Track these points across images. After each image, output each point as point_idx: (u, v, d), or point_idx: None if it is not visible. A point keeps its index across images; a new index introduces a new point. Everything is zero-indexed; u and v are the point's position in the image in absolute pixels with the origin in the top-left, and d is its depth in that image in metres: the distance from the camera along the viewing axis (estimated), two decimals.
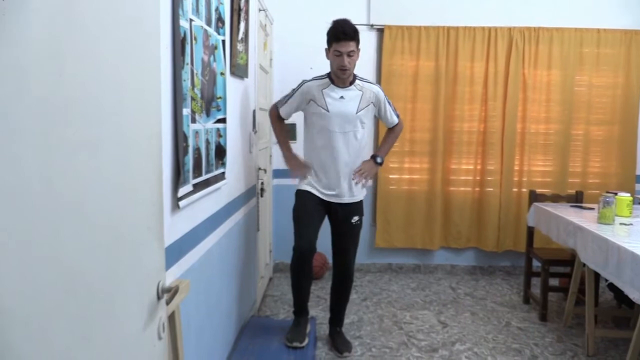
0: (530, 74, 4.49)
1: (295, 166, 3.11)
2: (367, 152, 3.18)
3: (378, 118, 3.22)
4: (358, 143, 3.01)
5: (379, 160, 3.17)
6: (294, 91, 3.04)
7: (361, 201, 3.12)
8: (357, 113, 2.97)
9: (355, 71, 3.03)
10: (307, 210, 3.00)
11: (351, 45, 2.88)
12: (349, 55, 2.87)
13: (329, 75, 3.01)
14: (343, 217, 3.05)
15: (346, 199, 3.03)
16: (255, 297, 3.64)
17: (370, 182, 3.16)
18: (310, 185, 3.02)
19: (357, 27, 4.43)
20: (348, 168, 3.00)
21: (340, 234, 3.09)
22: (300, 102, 3.02)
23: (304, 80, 3.06)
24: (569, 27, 4.45)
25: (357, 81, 3.01)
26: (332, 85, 2.97)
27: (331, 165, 2.98)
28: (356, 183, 3.03)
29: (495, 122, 4.53)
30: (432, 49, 4.47)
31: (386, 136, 3.28)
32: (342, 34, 2.88)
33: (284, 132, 3.22)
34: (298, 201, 3.05)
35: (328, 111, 2.93)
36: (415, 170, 4.62)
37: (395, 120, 3.17)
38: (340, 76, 2.92)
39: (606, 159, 4.61)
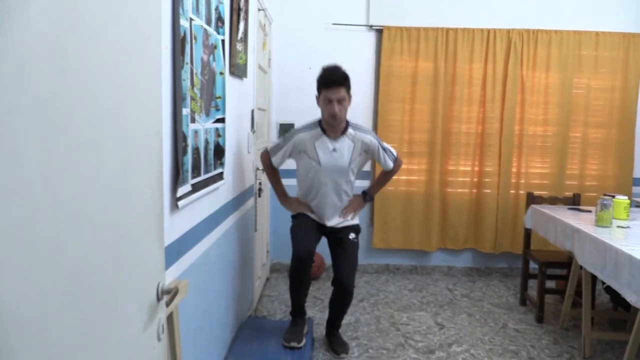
0: (529, 76, 4.50)
1: (292, 208, 3.14)
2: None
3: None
4: (348, 187, 3.05)
5: (368, 198, 3.19)
6: (285, 140, 3.00)
7: (357, 224, 3.15)
8: (349, 165, 2.96)
9: (354, 74, 3.03)
10: (305, 224, 3.04)
11: (341, 92, 2.81)
12: (339, 102, 2.80)
13: (320, 123, 2.95)
14: (339, 235, 3.07)
15: (340, 225, 3.08)
16: (252, 297, 3.63)
17: (357, 217, 3.19)
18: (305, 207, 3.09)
19: (357, 27, 4.43)
20: (337, 209, 3.05)
21: (338, 251, 3.06)
22: (292, 152, 3.00)
23: (295, 130, 3.02)
24: (568, 29, 4.46)
25: (349, 130, 2.95)
26: (324, 137, 2.92)
27: (322, 207, 3.03)
28: (344, 219, 3.08)
29: (494, 123, 4.53)
30: (431, 50, 4.47)
31: (382, 175, 3.25)
32: (332, 81, 2.81)
33: (278, 179, 3.17)
34: (295, 220, 3.11)
35: (320, 164, 2.92)
36: (413, 171, 4.62)
37: (391, 165, 3.12)
38: (331, 123, 2.86)
39: (604, 161, 4.62)
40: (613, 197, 3.25)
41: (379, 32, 4.52)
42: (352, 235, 3.06)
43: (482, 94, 4.53)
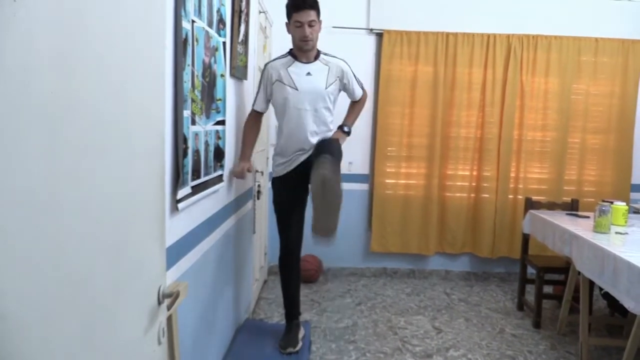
0: (528, 81, 4.51)
1: (243, 167, 2.87)
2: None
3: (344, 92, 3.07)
4: (328, 115, 2.92)
5: (346, 129, 3.06)
6: (260, 80, 2.96)
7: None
8: (326, 88, 2.88)
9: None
10: (286, 202, 2.96)
11: (312, 15, 2.78)
12: (310, 25, 2.78)
13: (291, 52, 2.92)
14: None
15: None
16: (250, 300, 3.63)
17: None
18: (281, 167, 2.94)
19: (357, 31, 4.44)
20: (314, 139, 2.88)
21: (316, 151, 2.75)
22: (267, 85, 2.91)
23: (265, 64, 2.98)
24: (567, 35, 4.47)
25: (321, 56, 2.93)
26: (296, 62, 2.87)
27: (299, 136, 2.87)
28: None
29: (493, 128, 4.54)
30: (431, 54, 4.48)
31: (351, 107, 3.16)
32: (301, 2, 2.77)
33: (255, 135, 3.05)
34: (275, 192, 3.02)
35: (297, 89, 2.83)
36: (411, 175, 4.62)
37: (360, 93, 3.07)
38: (304, 47, 2.82)
39: (602, 167, 4.63)
40: (611, 203, 3.26)
41: (379, 35, 4.53)
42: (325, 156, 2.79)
43: (481, 99, 4.54)
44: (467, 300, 4.23)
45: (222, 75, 2.40)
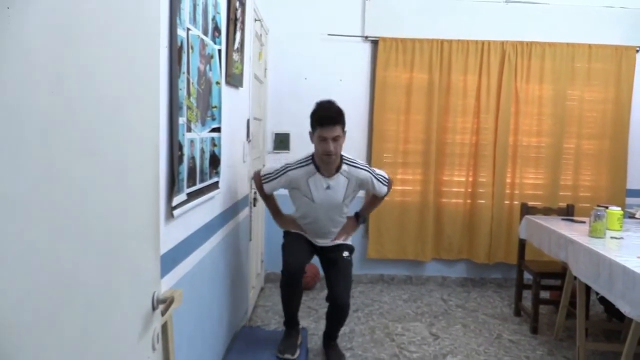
0: (523, 88, 4.54)
1: (286, 225, 3.12)
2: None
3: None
4: (342, 217, 3.04)
5: (361, 220, 3.16)
6: (277, 173, 2.90)
7: (350, 244, 3.14)
8: (343, 201, 2.93)
9: (349, 84, 3.03)
10: (297, 240, 3.04)
11: (336, 130, 2.72)
12: (334, 140, 2.72)
13: (313, 159, 2.86)
14: (332, 253, 3.05)
15: (333, 244, 3.08)
16: (246, 307, 3.62)
17: (350, 238, 3.18)
18: (298, 221, 3.08)
19: (352, 38, 4.47)
20: (331, 233, 3.06)
21: (331, 270, 3.03)
22: (285, 185, 2.95)
23: (287, 166, 2.90)
24: (561, 42, 4.51)
25: (343, 166, 2.87)
26: (317, 174, 2.85)
27: (315, 232, 3.04)
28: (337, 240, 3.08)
29: (488, 134, 4.56)
30: (426, 61, 4.50)
31: (372, 199, 3.17)
32: (326, 119, 2.73)
33: (271, 198, 3.10)
34: (287, 237, 3.09)
35: (313, 202, 2.88)
36: (407, 181, 4.63)
37: (385, 191, 3.04)
38: (326, 161, 2.79)
39: (597, 172, 4.66)
40: (606, 208, 3.27)
41: (374, 43, 4.55)
42: (345, 254, 3.04)
43: (476, 105, 4.56)
44: (464, 306, 4.23)
45: (217, 83, 2.41)
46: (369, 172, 2.96)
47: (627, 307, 2.41)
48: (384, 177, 3.03)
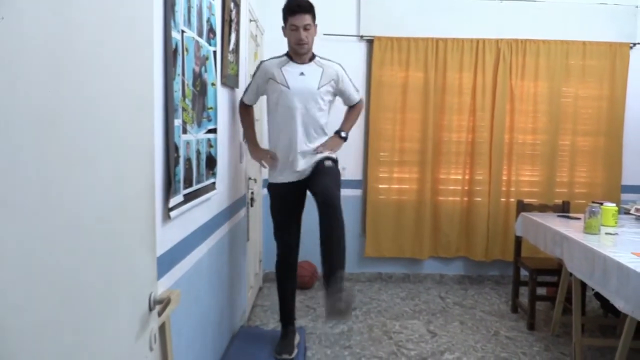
0: (518, 85, 4.56)
1: (261, 156, 3.07)
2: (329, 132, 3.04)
3: (339, 97, 3.08)
4: (321, 117, 2.91)
5: (343, 134, 3.07)
6: (253, 74, 3.01)
7: (332, 156, 2.95)
8: (318, 89, 2.90)
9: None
10: (283, 207, 2.99)
11: (307, 19, 2.83)
12: (305, 29, 2.82)
13: (287, 53, 2.96)
14: (315, 169, 2.88)
15: (310, 169, 2.91)
16: (244, 307, 3.63)
17: (335, 154, 3.01)
18: (279, 174, 2.96)
19: (347, 38, 4.49)
20: (309, 151, 2.90)
21: (315, 177, 2.84)
22: (260, 82, 2.95)
23: (261, 61, 3.02)
24: (555, 39, 4.53)
25: (317, 58, 2.97)
26: (290, 62, 2.92)
27: (290, 136, 2.87)
28: (319, 152, 2.91)
29: (484, 132, 4.58)
30: (421, 60, 4.52)
31: (348, 113, 3.18)
32: (296, 6, 2.82)
33: (251, 123, 3.11)
34: (272, 198, 3.04)
35: (289, 87, 2.86)
36: (404, 180, 4.65)
37: (356, 97, 3.10)
38: (299, 51, 2.86)
39: (592, 169, 4.68)
40: (601, 204, 3.29)
41: (370, 42, 4.57)
42: (328, 162, 2.89)
43: (471, 103, 4.58)
44: (462, 303, 4.25)
45: (213, 84, 2.42)
46: (342, 68, 3.03)
47: (622, 303, 2.43)
48: (356, 86, 3.13)
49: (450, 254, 4.73)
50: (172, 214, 1.83)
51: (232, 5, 2.81)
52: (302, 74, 2.90)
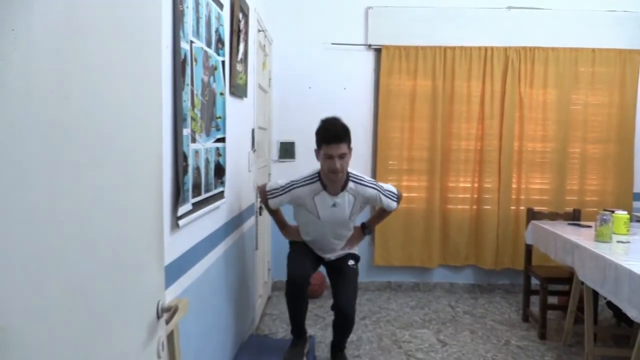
0: (527, 93, 4.54)
1: (292, 236, 3.12)
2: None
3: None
4: (348, 232, 3.03)
5: (367, 232, 3.13)
6: (283, 190, 2.88)
7: (356, 253, 3.15)
8: (349, 218, 2.92)
9: (353, 92, 3.03)
10: (302, 250, 3.04)
11: (342, 148, 2.69)
12: (340, 158, 2.68)
13: (319, 177, 2.83)
14: (338, 263, 3.06)
15: (338, 254, 3.08)
16: (253, 316, 3.63)
17: (357, 251, 3.19)
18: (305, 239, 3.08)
19: (355, 47, 4.50)
20: (337, 248, 3.05)
21: (337, 279, 3.03)
22: (290, 202, 2.94)
23: (292, 183, 2.87)
24: (564, 46, 4.51)
25: (349, 184, 2.84)
26: (323, 192, 2.82)
27: (321, 247, 3.04)
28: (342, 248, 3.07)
29: (493, 140, 4.56)
30: (429, 68, 4.52)
31: (380, 211, 3.08)
32: (332, 136, 2.69)
33: (278, 215, 3.10)
34: (292, 247, 3.10)
35: (319, 218, 2.87)
36: (413, 188, 4.64)
37: (394, 206, 2.99)
38: (332, 179, 2.76)
39: (603, 176, 4.64)
40: (612, 212, 3.26)
41: (378, 51, 4.58)
42: (351, 262, 3.04)
43: (480, 112, 4.57)
44: (472, 312, 4.21)
45: (221, 94, 2.44)
46: (377, 189, 2.91)
47: (634, 311, 2.40)
48: (393, 193, 2.98)
49: (460, 263, 4.70)
50: (181, 222, 1.84)
51: (240, 15, 2.84)
52: (334, 205, 2.85)
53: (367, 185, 2.90)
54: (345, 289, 2.94)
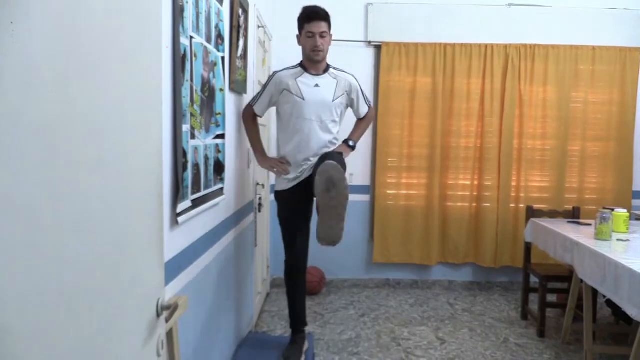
0: (527, 91, 4.53)
1: (271, 164, 3.00)
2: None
3: (350, 108, 3.08)
4: (334, 127, 2.93)
5: (351, 143, 3.03)
6: (265, 84, 2.95)
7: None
8: (333, 101, 2.90)
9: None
10: (291, 211, 2.96)
11: (323, 26, 2.83)
12: (321, 36, 2.82)
13: (301, 63, 2.96)
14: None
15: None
16: (252, 313, 3.62)
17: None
18: (286, 180, 2.93)
19: (355, 43, 4.49)
20: (324, 144, 2.90)
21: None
22: (274, 93, 2.91)
23: (274, 72, 2.99)
24: (565, 44, 4.50)
25: (331, 69, 2.96)
26: (305, 73, 2.90)
27: (304, 148, 2.88)
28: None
29: (492, 138, 4.56)
30: (429, 65, 4.51)
31: (358, 122, 3.14)
32: (313, 13, 2.83)
33: (258, 133, 3.06)
34: (279, 205, 3.01)
35: (304, 99, 2.85)
36: (412, 185, 4.63)
37: (365, 110, 3.07)
38: (314, 58, 2.86)
39: (603, 175, 4.64)
40: (612, 210, 3.26)
41: (378, 48, 4.57)
42: (330, 150, 2.89)
43: (480, 109, 4.56)
44: (471, 310, 4.21)
45: (221, 90, 2.42)
46: (356, 80, 3.03)
47: (634, 310, 2.40)
48: (368, 98, 3.12)
49: (459, 260, 4.70)
50: (180, 219, 1.83)
51: (240, 11, 2.82)
52: (317, 85, 2.89)
53: (347, 73, 3.03)
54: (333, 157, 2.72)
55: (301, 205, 2.97)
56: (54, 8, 0.76)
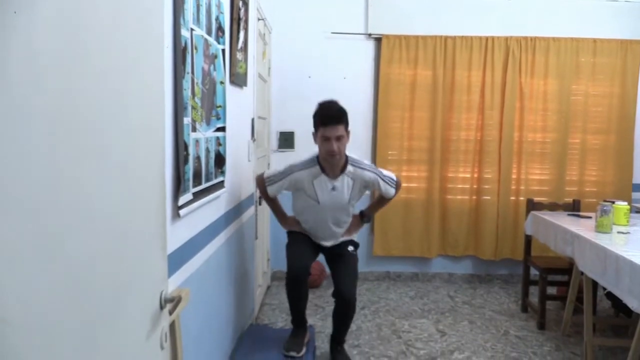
0: (527, 83, 4.52)
1: (291, 227, 3.08)
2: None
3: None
4: (347, 218, 3.01)
5: (365, 220, 3.13)
6: (282, 175, 2.87)
7: (354, 240, 3.13)
8: (349, 202, 2.91)
9: (353, 82, 3.00)
10: (300, 240, 3.02)
11: (339, 130, 2.68)
12: (337, 140, 2.68)
13: (318, 160, 2.83)
14: (337, 249, 3.04)
15: (336, 242, 3.06)
16: (253, 306, 3.63)
17: (355, 236, 3.17)
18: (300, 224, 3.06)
19: (355, 36, 4.47)
20: (335, 235, 3.02)
21: (337, 264, 3.01)
22: (289, 187, 2.91)
23: (291, 167, 2.86)
24: (565, 36, 4.49)
25: (348, 167, 2.83)
26: (322, 176, 2.82)
27: (319, 234, 3.01)
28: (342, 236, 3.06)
29: (493, 130, 4.55)
30: (430, 58, 4.49)
31: (381, 199, 3.09)
32: (328, 118, 2.69)
33: (275, 201, 3.09)
34: (290, 236, 3.08)
35: (319, 203, 2.85)
36: (412, 178, 4.63)
37: (392, 192, 2.98)
38: (330, 162, 2.76)
39: (603, 167, 4.64)
40: (613, 202, 3.26)
41: (378, 40, 4.55)
42: (350, 248, 3.03)
43: (480, 102, 4.55)
44: (471, 302, 4.22)
45: (221, 82, 2.41)
46: (376, 173, 2.91)
47: (635, 302, 2.41)
48: (392, 179, 2.97)
49: (459, 253, 4.70)
50: (182, 212, 1.83)
51: (240, 3, 2.81)
52: (333, 189, 2.84)
53: (366, 169, 2.90)
54: (346, 274, 2.92)
55: (312, 244, 3.05)
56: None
